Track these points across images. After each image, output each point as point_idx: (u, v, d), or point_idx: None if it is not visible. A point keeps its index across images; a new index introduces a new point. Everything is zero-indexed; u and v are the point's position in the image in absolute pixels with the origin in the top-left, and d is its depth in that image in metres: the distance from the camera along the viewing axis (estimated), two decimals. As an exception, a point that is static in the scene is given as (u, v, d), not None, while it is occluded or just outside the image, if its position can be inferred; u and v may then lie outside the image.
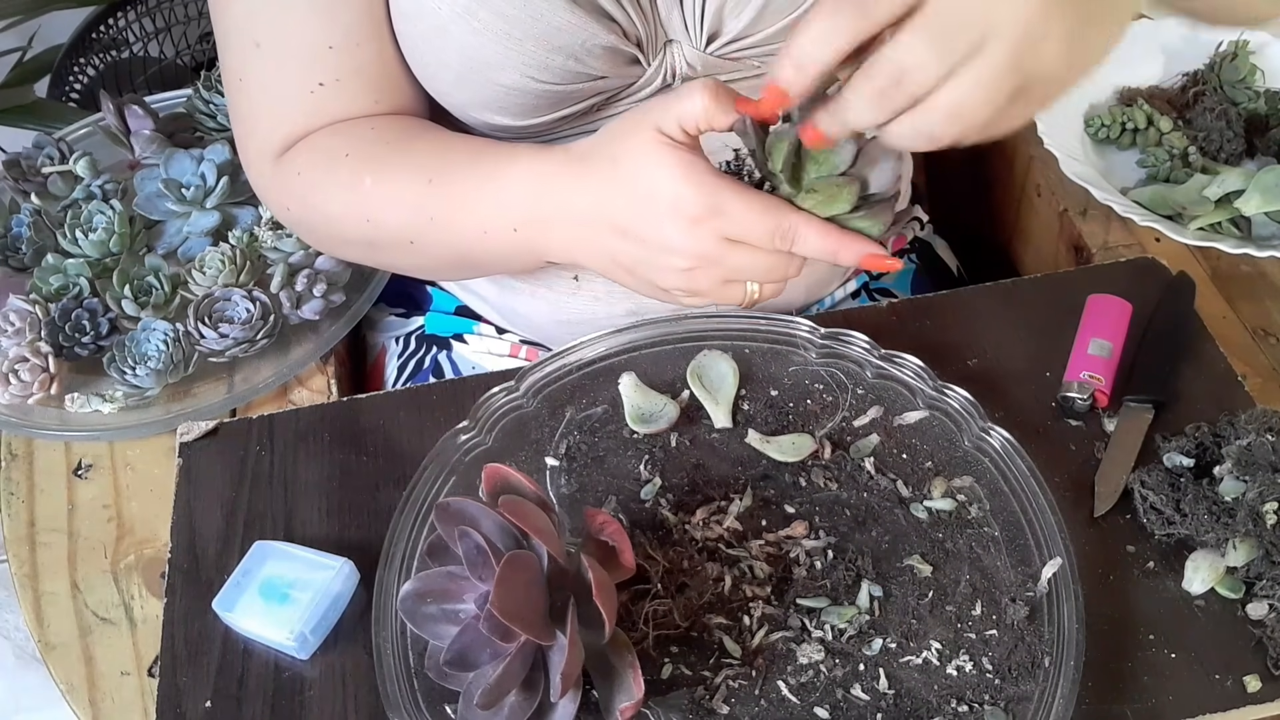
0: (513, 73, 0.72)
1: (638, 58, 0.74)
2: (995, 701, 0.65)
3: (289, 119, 0.78)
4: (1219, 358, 0.83)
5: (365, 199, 0.76)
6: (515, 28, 0.70)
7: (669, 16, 0.74)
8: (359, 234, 0.79)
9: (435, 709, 0.65)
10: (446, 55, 0.73)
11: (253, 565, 0.72)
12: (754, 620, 0.69)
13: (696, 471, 0.76)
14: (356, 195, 0.76)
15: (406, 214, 0.76)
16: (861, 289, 0.99)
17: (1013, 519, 0.72)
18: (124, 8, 1.69)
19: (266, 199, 0.84)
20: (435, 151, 0.76)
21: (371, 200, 0.76)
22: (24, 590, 0.78)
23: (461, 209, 0.74)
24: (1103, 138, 1.05)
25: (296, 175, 0.78)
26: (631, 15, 0.72)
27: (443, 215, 0.74)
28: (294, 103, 0.77)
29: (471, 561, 0.63)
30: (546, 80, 0.72)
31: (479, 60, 0.72)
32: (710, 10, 0.73)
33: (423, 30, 0.72)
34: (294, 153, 0.79)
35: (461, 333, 0.96)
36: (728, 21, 0.74)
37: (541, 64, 0.71)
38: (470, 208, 0.73)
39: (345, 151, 0.76)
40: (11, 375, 0.85)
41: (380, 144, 0.76)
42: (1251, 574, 0.71)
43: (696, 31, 0.74)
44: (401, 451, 0.79)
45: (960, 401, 0.76)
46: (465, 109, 0.78)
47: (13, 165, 0.99)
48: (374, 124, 0.77)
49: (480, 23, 0.70)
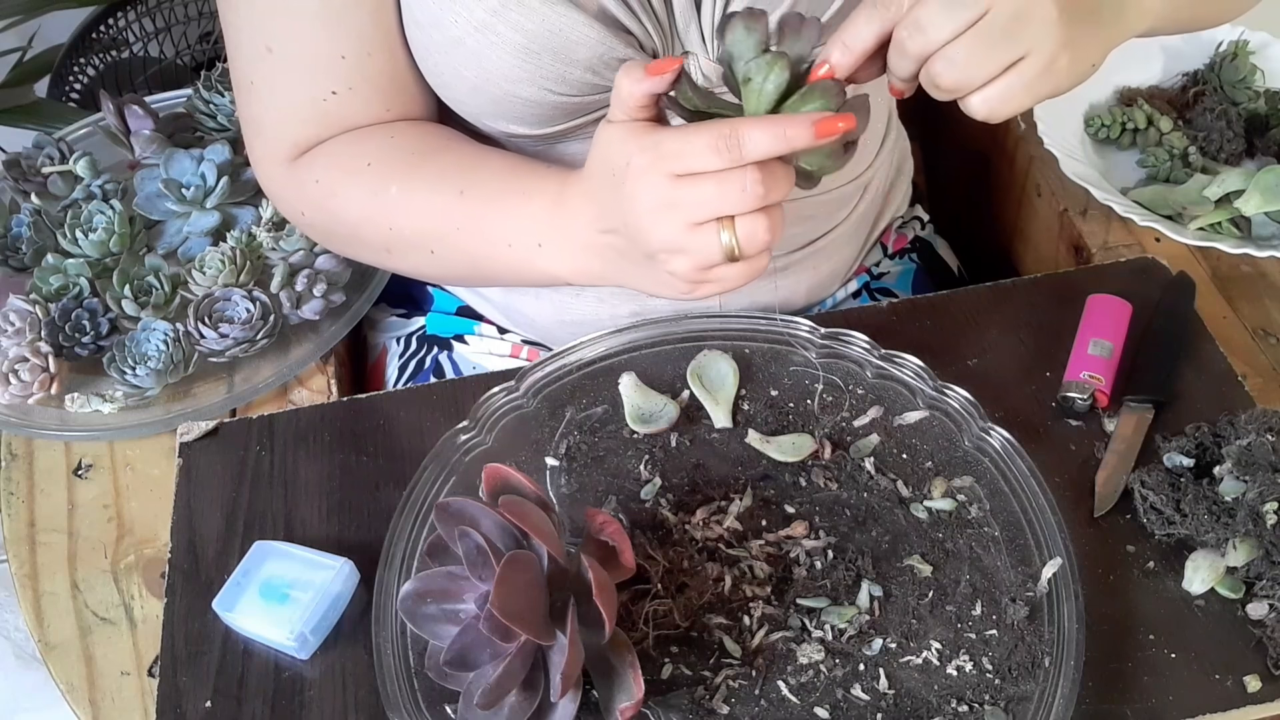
0: (530, 86, 0.72)
1: None
2: (995, 701, 0.65)
3: (300, 125, 0.78)
4: (1219, 358, 0.83)
5: (389, 206, 0.77)
6: (533, 42, 0.70)
7: (686, 28, 0.74)
8: (378, 240, 0.79)
9: (435, 709, 0.65)
10: (463, 67, 0.73)
11: (253, 565, 0.72)
12: (754, 620, 0.69)
13: (696, 471, 0.76)
14: (380, 202, 0.77)
15: (432, 223, 0.76)
16: (863, 289, 0.99)
17: (1013, 519, 0.72)
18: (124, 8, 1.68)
19: (278, 202, 0.84)
20: (466, 164, 0.76)
21: (396, 208, 0.76)
22: (24, 590, 0.78)
23: (490, 220, 0.74)
24: (1103, 138, 1.05)
25: (314, 182, 0.78)
26: (649, 28, 0.72)
27: (470, 225, 0.75)
28: (305, 109, 0.77)
29: (471, 561, 0.63)
30: (563, 92, 0.73)
31: (496, 73, 0.72)
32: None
33: (438, 41, 0.72)
34: (310, 159, 0.79)
35: (463, 333, 0.96)
36: None
37: (559, 77, 0.72)
38: (499, 220, 0.74)
39: (367, 160, 0.77)
40: (11, 375, 0.85)
41: (404, 152, 0.77)
42: (1251, 574, 0.71)
43: (714, 43, 0.74)
44: (401, 451, 0.79)
45: (960, 401, 0.76)
46: (479, 117, 0.78)
47: (13, 165, 0.99)
48: (393, 132, 0.78)
49: (498, 37, 0.70)
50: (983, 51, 0.59)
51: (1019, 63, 0.60)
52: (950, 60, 0.60)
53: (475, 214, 0.75)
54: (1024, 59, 0.60)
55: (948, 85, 0.60)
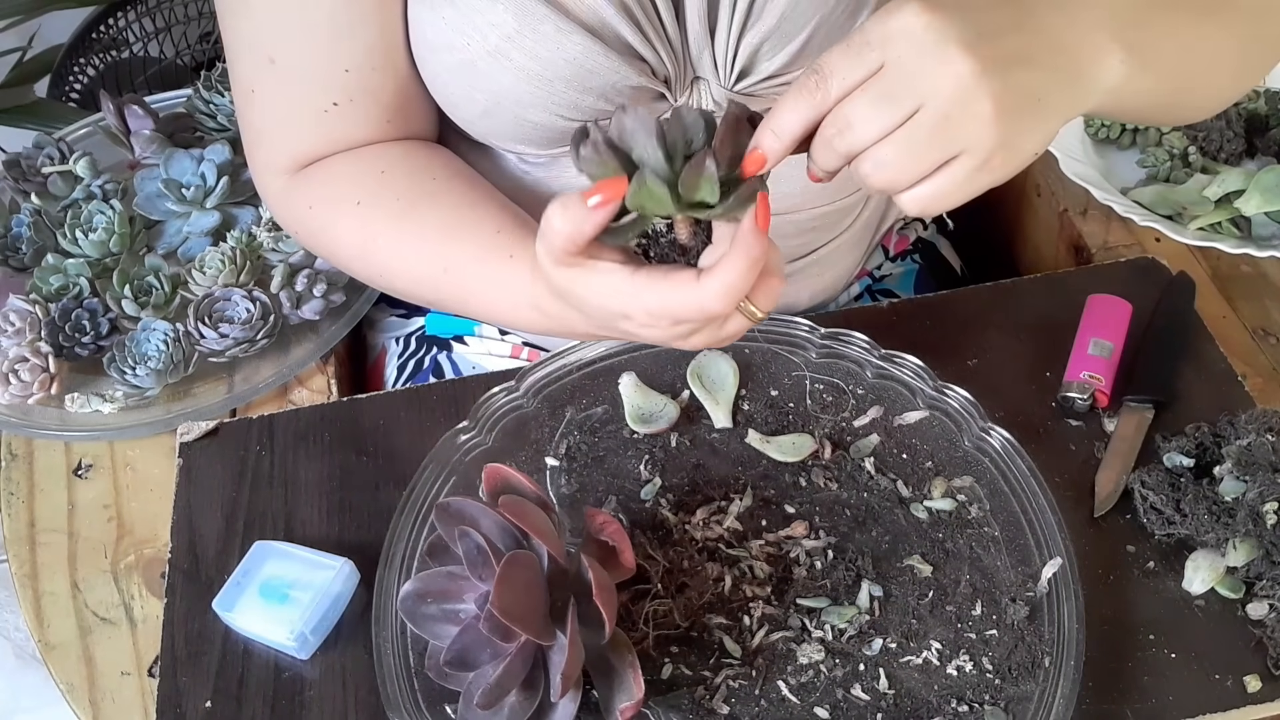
0: (541, 111, 0.72)
1: (665, 95, 0.74)
2: (995, 701, 0.65)
3: (300, 136, 0.78)
4: (1219, 358, 0.83)
5: (377, 257, 0.77)
6: (547, 69, 0.69)
7: (699, 56, 0.74)
8: (371, 279, 0.80)
9: (435, 709, 0.65)
10: (474, 91, 0.73)
11: (253, 565, 0.72)
12: (754, 620, 0.69)
13: (696, 471, 0.76)
14: (369, 251, 0.77)
15: (421, 287, 0.77)
16: (864, 291, 0.99)
17: (1013, 519, 0.72)
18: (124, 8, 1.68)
19: (274, 213, 0.84)
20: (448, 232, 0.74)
21: (384, 259, 0.77)
22: (24, 590, 0.78)
23: (473, 299, 0.74)
24: (1103, 138, 1.05)
25: (308, 209, 0.78)
26: (662, 56, 0.72)
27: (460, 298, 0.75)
28: (306, 121, 0.77)
29: (471, 561, 0.63)
30: (574, 118, 0.73)
31: (508, 98, 0.72)
32: (744, 52, 0.72)
33: (450, 64, 0.72)
34: (305, 181, 0.78)
35: (462, 334, 0.95)
36: (760, 63, 0.73)
37: (571, 104, 0.71)
38: (483, 300, 0.74)
39: (356, 199, 0.76)
40: (11, 375, 0.85)
41: (391, 199, 0.76)
42: (1251, 574, 0.71)
43: (727, 71, 0.74)
44: (401, 451, 0.79)
45: (960, 401, 0.76)
46: (487, 137, 0.78)
47: (13, 165, 0.99)
48: (385, 165, 0.77)
49: (512, 63, 0.70)
50: (913, 153, 0.54)
51: (951, 162, 0.55)
52: (878, 161, 0.55)
53: (460, 292, 0.74)
54: (956, 158, 0.55)
55: (876, 186, 0.56)
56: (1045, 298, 0.87)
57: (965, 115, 0.54)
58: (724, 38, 0.72)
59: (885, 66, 0.54)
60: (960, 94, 0.53)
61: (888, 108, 0.54)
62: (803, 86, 0.55)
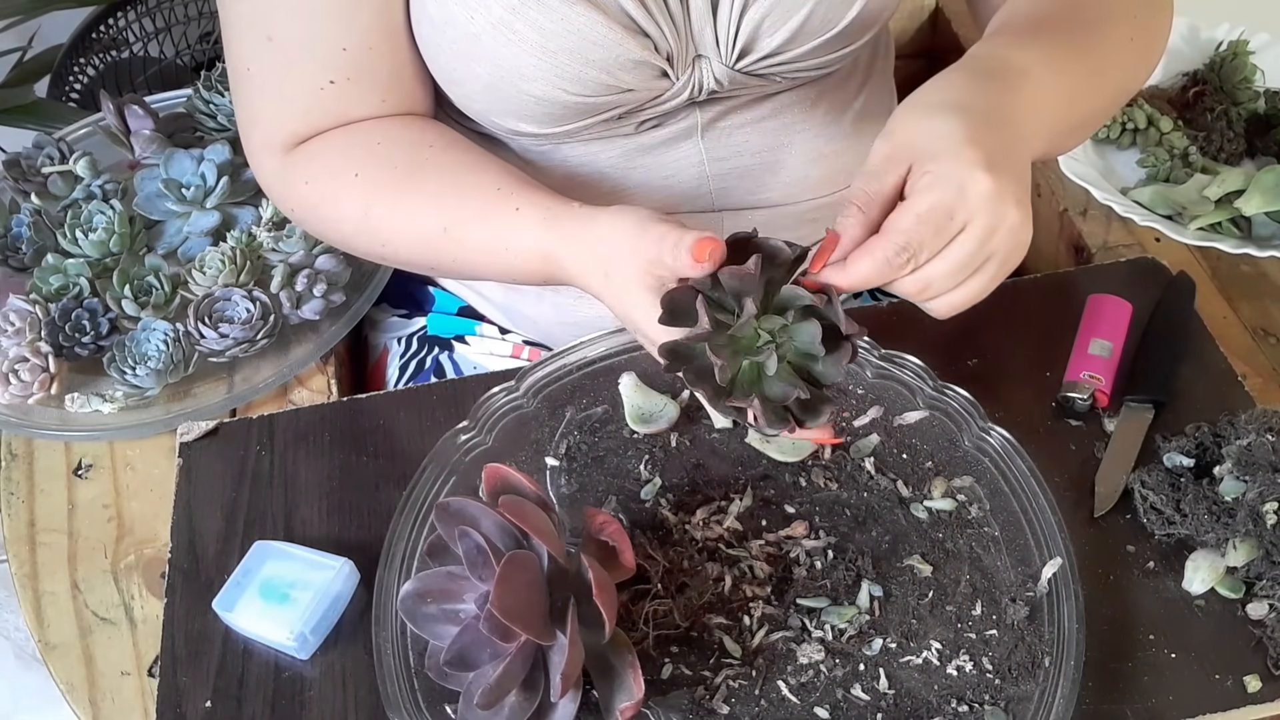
0: (544, 84, 0.72)
1: (666, 72, 0.74)
2: (995, 701, 0.65)
3: (296, 114, 0.78)
4: (1219, 358, 0.83)
5: (378, 226, 0.77)
6: (550, 40, 0.70)
7: (701, 32, 0.74)
8: (372, 251, 0.80)
9: (435, 709, 0.65)
10: (476, 65, 0.73)
11: (253, 565, 0.72)
12: (754, 620, 0.69)
13: (696, 471, 0.76)
14: (368, 221, 0.77)
15: (423, 250, 0.76)
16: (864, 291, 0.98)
17: (1013, 519, 0.72)
18: (124, 8, 1.68)
19: (271, 194, 0.84)
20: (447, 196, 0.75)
21: (385, 228, 0.76)
22: (24, 590, 0.78)
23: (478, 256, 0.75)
24: (1103, 138, 1.05)
25: (305, 184, 0.78)
26: (665, 30, 0.72)
27: (462, 257, 0.75)
28: (302, 99, 0.77)
29: (471, 561, 0.63)
30: (576, 92, 0.73)
31: (511, 71, 0.72)
32: (745, 29, 0.73)
33: (452, 38, 0.72)
34: (301, 157, 0.78)
35: (463, 334, 0.96)
36: (762, 39, 0.74)
37: (574, 76, 0.72)
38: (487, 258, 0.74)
39: (354, 171, 0.76)
40: (11, 375, 0.85)
41: (389, 168, 0.76)
42: (1251, 574, 0.71)
43: (728, 48, 0.74)
44: (401, 451, 0.79)
45: (960, 401, 0.76)
46: (487, 115, 0.78)
47: (13, 165, 0.99)
48: (380, 138, 0.77)
49: (515, 34, 0.70)
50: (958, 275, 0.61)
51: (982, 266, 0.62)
52: (936, 305, 0.63)
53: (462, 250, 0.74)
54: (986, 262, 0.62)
55: (920, 300, 0.62)
56: (1045, 298, 0.87)
57: (1002, 231, 0.60)
58: (726, 14, 0.73)
59: (965, 229, 0.60)
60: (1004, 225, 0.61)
61: (964, 269, 0.61)
62: (889, 264, 0.59)
